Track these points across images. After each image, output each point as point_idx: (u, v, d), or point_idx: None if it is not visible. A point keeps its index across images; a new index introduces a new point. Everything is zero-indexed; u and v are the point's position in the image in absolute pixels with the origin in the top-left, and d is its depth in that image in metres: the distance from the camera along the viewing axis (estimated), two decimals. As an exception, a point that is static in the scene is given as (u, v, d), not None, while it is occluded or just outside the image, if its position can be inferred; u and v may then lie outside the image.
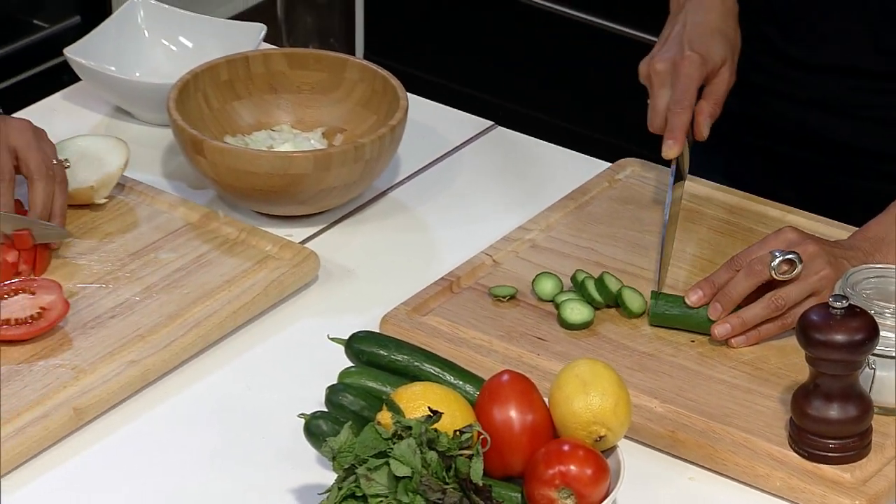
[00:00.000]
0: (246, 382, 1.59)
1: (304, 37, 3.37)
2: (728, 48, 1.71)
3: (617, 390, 1.44)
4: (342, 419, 1.45)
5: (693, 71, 1.68)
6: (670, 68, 1.69)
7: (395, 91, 1.81)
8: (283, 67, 1.86)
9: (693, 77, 1.68)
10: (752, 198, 1.78)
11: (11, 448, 1.48)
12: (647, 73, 1.71)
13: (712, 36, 1.70)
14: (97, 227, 1.74)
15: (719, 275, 1.60)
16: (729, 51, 1.71)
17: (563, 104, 2.90)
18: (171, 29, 1.96)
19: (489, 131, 1.94)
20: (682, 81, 1.68)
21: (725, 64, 1.71)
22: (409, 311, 1.64)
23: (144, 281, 1.67)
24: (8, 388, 1.54)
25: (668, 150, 1.67)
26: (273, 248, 1.71)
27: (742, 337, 1.59)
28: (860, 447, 1.48)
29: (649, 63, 1.70)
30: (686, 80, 1.68)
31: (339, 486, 1.38)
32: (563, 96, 2.91)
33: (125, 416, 1.55)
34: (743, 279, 1.58)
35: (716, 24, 1.71)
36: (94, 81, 1.90)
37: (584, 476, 1.39)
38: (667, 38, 1.72)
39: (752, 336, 1.59)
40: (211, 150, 1.73)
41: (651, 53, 1.72)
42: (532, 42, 2.95)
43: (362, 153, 1.74)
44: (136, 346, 1.59)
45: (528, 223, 1.76)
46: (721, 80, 1.71)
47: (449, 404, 1.43)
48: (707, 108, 1.70)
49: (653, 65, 1.70)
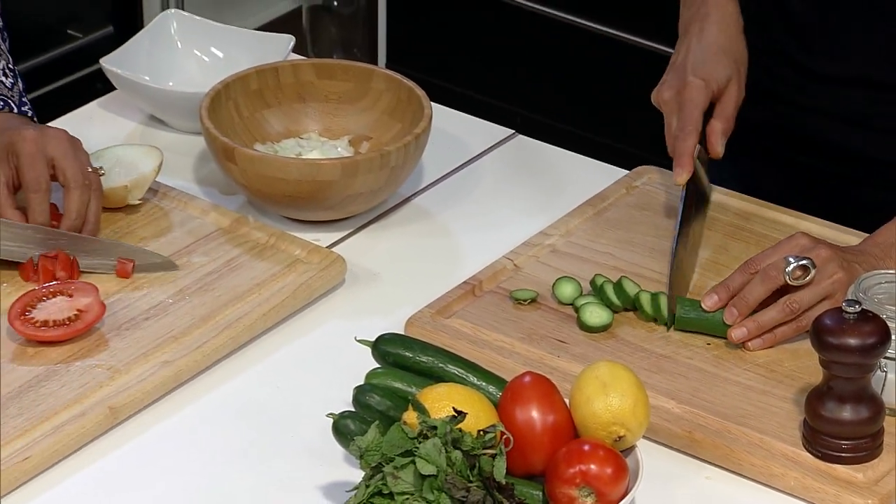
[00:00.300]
0: (275, 382, 1.58)
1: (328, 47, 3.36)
2: (732, 66, 1.70)
3: (636, 392, 1.43)
4: (369, 419, 1.43)
5: (697, 96, 1.67)
6: (675, 96, 1.69)
7: (419, 100, 1.79)
8: (312, 77, 1.85)
9: (697, 102, 1.68)
10: (766, 204, 1.76)
11: (49, 446, 1.47)
12: (657, 101, 1.71)
13: (715, 58, 1.70)
14: (132, 232, 1.73)
15: (734, 279, 1.58)
16: (734, 68, 1.71)
17: (582, 113, 2.89)
18: (203, 40, 1.95)
19: (510, 139, 1.92)
20: (686, 108, 1.68)
21: (732, 82, 1.70)
22: (433, 313, 1.63)
23: (177, 284, 1.65)
24: (46, 387, 1.53)
25: (678, 177, 1.67)
26: (301, 252, 1.70)
27: (758, 340, 1.57)
28: (872, 448, 1.47)
29: (658, 91, 1.71)
30: (690, 105, 1.67)
31: (367, 483, 1.37)
32: (582, 106, 2.90)
33: (159, 415, 1.54)
34: (758, 285, 1.56)
35: (718, 44, 1.70)
36: (128, 91, 1.89)
37: (604, 475, 1.38)
38: (673, 63, 1.72)
39: (768, 339, 1.57)
40: (242, 157, 1.72)
41: (661, 80, 1.71)
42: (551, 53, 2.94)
43: (388, 160, 1.72)
44: (169, 347, 1.58)
45: (548, 228, 1.74)
46: (729, 98, 1.70)
47: (473, 405, 1.42)
48: (719, 127, 1.69)
49: (660, 94, 1.70)
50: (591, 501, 1.38)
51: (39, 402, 1.51)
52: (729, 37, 1.71)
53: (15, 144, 1.65)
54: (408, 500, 1.35)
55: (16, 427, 1.48)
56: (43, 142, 1.66)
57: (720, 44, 1.70)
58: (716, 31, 1.71)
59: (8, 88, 1.72)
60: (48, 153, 1.66)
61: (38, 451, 1.47)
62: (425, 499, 1.34)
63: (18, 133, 1.66)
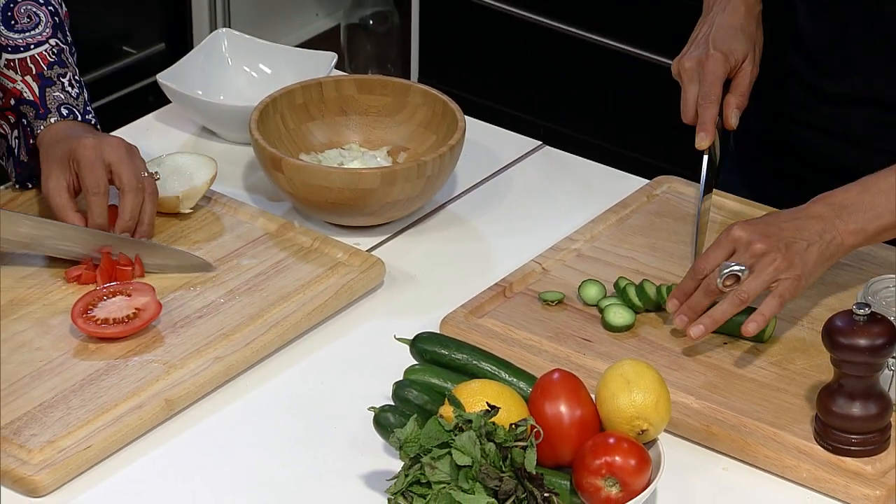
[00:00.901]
0: (319, 378, 1.58)
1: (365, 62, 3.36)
2: (749, 44, 1.71)
3: (658, 388, 1.43)
4: (408, 412, 1.43)
5: (717, 68, 1.68)
6: (697, 66, 1.69)
7: (454, 114, 1.79)
8: (353, 92, 1.85)
9: (718, 74, 1.68)
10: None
11: (109, 435, 1.48)
12: (677, 71, 1.72)
13: (735, 35, 1.70)
14: (186, 236, 1.73)
15: (686, 283, 1.58)
16: (750, 46, 1.71)
17: (606, 126, 2.88)
18: (251, 57, 1.95)
19: (538, 150, 1.92)
20: (707, 78, 1.68)
21: (747, 59, 1.71)
22: (466, 313, 1.62)
23: (228, 285, 1.66)
24: (106, 381, 1.53)
25: (701, 141, 1.67)
26: (343, 255, 1.70)
27: (700, 326, 1.54)
28: (880, 442, 1.46)
29: (679, 61, 1.71)
30: (711, 76, 1.68)
31: (406, 473, 1.37)
32: (605, 119, 2.89)
33: (211, 407, 1.54)
34: (701, 296, 1.56)
35: (738, 23, 1.71)
36: (182, 104, 1.90)
37: (629, 466, 1.38)
38: (695, 38, 1.73)
39: (709, 324, 1.55)
40: (288, 166, 1.72)
41: (682, 52, 1.72)
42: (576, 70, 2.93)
43: (424, 170, 1.72)
44: (220, 343, 1.58)
45: (574, 234, 1.74)
46: (744, 74, 1.71)
47: (505, 400, 1.42)
48: (734, 101, 1.70)
49: (682, 63, 1.70)
50: (615, 491, 1.38)
51: (101, 395, 1.52)
52: (748, 19, 1.72)
53: (76, 151, 1.67)
54: (444, 489, 1.34)
55: (79, 418, 1.49)
56: (101, 148, 1.67)
57: (740, 24, 1.71)
58: (734, 13, 1.72)
59: (73, 98, 1.73)
60: (106, 158, 1.67)
61: (99, 441, 1.47)
62: (461, 488, 1.34)
63: (79, 140, 1.67)
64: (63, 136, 1.70)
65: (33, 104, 1.71)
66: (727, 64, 1.69)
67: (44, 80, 1.72)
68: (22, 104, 1.72)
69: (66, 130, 1.71)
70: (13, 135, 1.74)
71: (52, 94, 1.72)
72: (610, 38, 2.85)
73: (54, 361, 1.55)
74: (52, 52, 1.73)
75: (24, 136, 1.73)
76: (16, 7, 1.73)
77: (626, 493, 1.38)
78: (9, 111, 1.73)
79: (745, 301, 1.54)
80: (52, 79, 1.72)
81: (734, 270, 1.53)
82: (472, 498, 1.33)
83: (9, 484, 1.45)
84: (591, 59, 2.89)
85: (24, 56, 1.72)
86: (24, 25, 1.72)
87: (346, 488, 1.45)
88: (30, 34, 1.72)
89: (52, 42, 1.73)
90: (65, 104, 1.72)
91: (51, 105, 1.72)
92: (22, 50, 1.72)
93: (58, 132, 1.70)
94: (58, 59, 1.73)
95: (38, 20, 1.73)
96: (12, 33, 1.72)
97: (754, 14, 1.73)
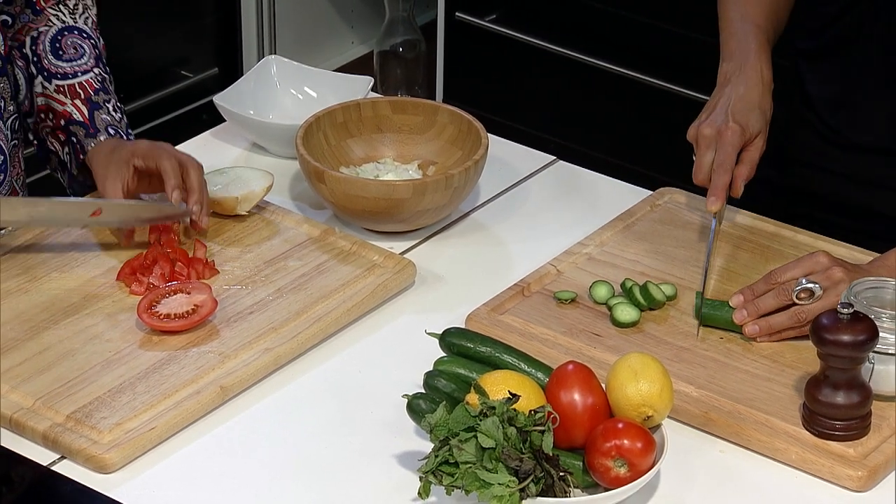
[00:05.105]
0: (358, 367, 1.57)
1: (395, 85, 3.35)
2: (763, 122, 1.67)
3: (662, 378, 1.41)
4: (438, 399, 1.42)
5: (735, 139, 1.64)
6: (715, 135, 1.65)
7: (478, 132, 1.79)
8: (388, 112, 1.84)
9: (735, 145, 1.64)
10: (786, 226, 1.73)
11: (171, 418, 1.47)
12: (694, 136, 1.67)
13: (752, 110, 1.66)
14: (239, 240, 1.72)
15: (758, 286, 1.56)
16: (764, 124, 1.68)
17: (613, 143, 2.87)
18: (298, 81, 1.95)
19: (552, 164, 1.91)
20: (725, 148, 1.64)
21: (760, 134, 1.67)
22: (488, 310, 1.61)
23: (276, 284, 1.65)
24: (168, 369, 1.53)
25: (712, 206, 1.64)
26: (379, 258, 1.69)
27: (765, 336, 1.55)
28: (862, 427, 1.45)
29: (698, 127, 1.67)
30: (729, 147, 1.64)
31: (436, 454, 1.36)
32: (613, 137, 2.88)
33: (260, 393, 1.53)
34: (772, 298, 1.54)
35: (756, 100, 1.67)
36: (236, 122, 1.89)
37: (636, 448, 1.37)
38: (713, 107, 1.68)
39: (774, 337, 1.55)
40: (330, 178, 1.71)
41: (699, 118, 1.68)
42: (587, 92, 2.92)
43: (451, 182, 1.71)
44: (269, 336, 1.57)
45: (585, 240, 1.73)
46: (756, 149, 1.67)
47: (524, 388, 1.41)
48: (744, 172, 1.66)
49: (701, 129, 1.66)
50: (624, 471, 1.37)
51: (163, 382, 1.51)
52: (765, 96, 1.68)
53: (136, 146, 1.68)
54: (470, 469, 1.34)
55: (143, 402, 1.48)
56: (163, 148, 1.69)
57: (756, 100, 1.67)
58: (753, 89, 1.68)
59: (118, 122, 1.75)
60: (173, 154, 1.69)
61: (161, 423, 1.47)
62: (485, 467, 1.33)
63: (133, 143, 1.70)
64: (116, 147, 1.72)
65: (83, 125, 1.73)
66: (743, 136, 1.65)
67: (92, 103, 1.74)
68: (72, 124, 1.73)
69: (117, 143, 1.73)
70: (64, 150, 1.76)
71: (99, 116, 1.73)
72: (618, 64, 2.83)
73: (122, 352, 1.55)
74: (96, 79, 1.75)
75: (74, 153, 1.75)
76: (63, 39, 1.75)
77: (634, 473, 1.37)
78: (59, 131, 1.75)
79: (802, 321, 1.52)
80: (98, 103, 1.74)
81: (811, 287, 1.51)
82: (495, 476, 1.33)
83: (81, 462, 1.44)
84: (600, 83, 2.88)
85: (73, 82, 1.74)
86: (70, 55, 1.74)
87: (382, 467, 1.44)
88: (76, 63, 1.74)
89: (96, 71, 1.76)
90: (111, 125, 1.74)
91: (99, 126, 1.73)
92: (70, 77, 1.74)
93: (109, 144, 1.73)
94: (102, 86, 1.76)
95: (83, 51, 1.75)
96: (61, 62, 1.74)
97: (770, 91, 1.69)
